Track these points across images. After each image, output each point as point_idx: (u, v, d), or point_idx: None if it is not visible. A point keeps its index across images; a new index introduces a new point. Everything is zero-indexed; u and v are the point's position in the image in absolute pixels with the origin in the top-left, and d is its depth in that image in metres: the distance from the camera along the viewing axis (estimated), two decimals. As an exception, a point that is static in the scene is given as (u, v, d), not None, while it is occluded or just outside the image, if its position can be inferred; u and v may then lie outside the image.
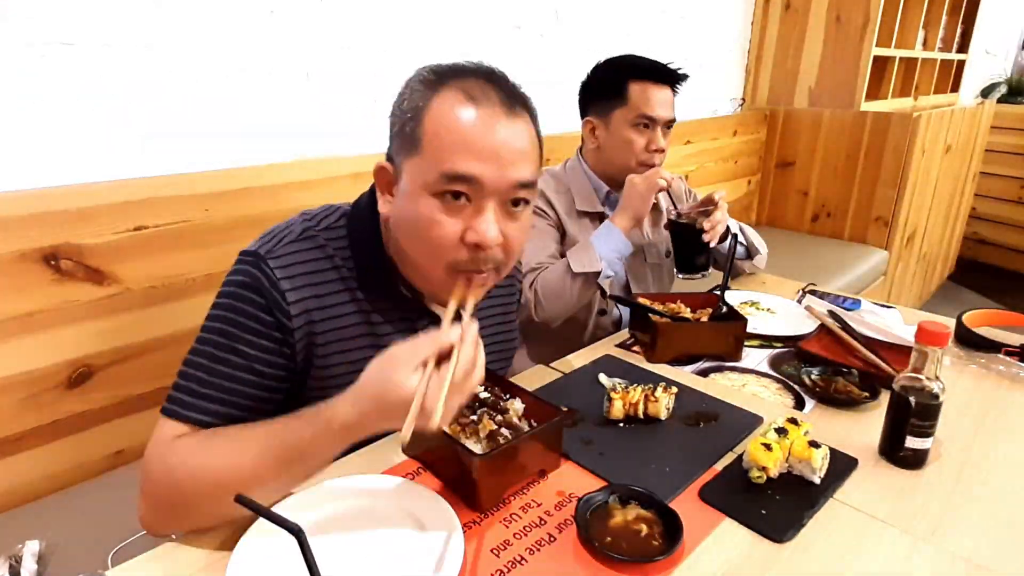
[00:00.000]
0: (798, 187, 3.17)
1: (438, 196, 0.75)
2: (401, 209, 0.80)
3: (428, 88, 0.77)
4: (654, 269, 1.60)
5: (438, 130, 0.75)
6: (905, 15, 3.02)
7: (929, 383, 0.87)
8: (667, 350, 1.21)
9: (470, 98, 0.76)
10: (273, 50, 1.46)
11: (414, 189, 0.77)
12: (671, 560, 0.72)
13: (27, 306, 1.16)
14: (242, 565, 0.69)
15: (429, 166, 0.75)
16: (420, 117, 0.76)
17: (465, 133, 0.74)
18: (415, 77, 0.81)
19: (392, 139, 0.81)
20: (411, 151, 0.77)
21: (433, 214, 0.76)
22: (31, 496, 1.23)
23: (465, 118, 0.75)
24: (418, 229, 0.77)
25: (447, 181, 0.74)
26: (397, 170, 0.80)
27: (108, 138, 1.27)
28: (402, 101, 0.80)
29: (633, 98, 1.42)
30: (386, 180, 0.82)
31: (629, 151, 1.45)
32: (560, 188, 1.52)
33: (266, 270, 0.80)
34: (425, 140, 0.75)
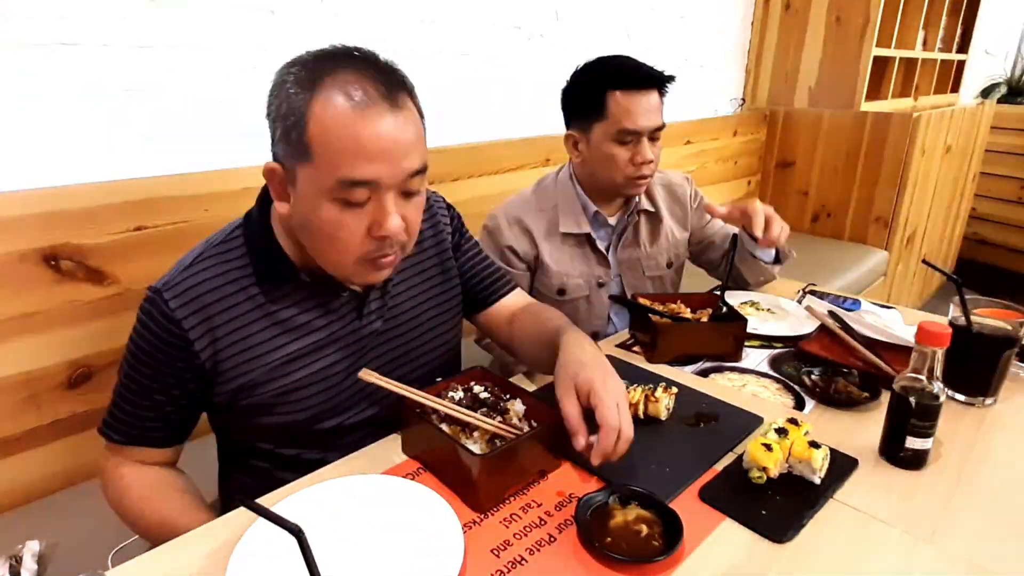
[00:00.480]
0: (798, 187, 3.17)
1: (337, 200, 0.77)
2: (302, 214, 0.81)
3: (304, 89, 0.76)
4: (655, 282, 1.53)
5: (326, 138, 0.75)
6: (905, 15, 3.02)
7: (929, 383, 0.86)
8: (667, 350, 1.21)
9: (350, 99, 0.75)
10: (273, 50, 1.46)
11: (312, 195, 0.78)
12: (671, 560, 0.72)
13: (27, 306, 1.16)
14: (242, 565, 0.69)
15: (324, 174, 0.76)
16: (303, 123, 0.75)
17: (354, 139, 0.74)
18: (285, 77, 0.79)
19: (277, 142, 0.80)
20: (301, 158, 0.77)
21: (336, 217, 0.78)
22: (31, 496, 1.23)
23: (351, 123, 0.74)
24: (323, 232, 0.80)
25: (345, 188, 0.76)
26: (289, 174, 0.80)
27: (108, 138, 1.27)
28: (279, 104, 0.78)
29: (612, 111, 1.31)
30: (278, 181, 0.82)
31: (614, 167, 1.35)
32: (544, 206, 1.43)
33: (158, 303, 0.85)
34: (314, 148, 0.75)
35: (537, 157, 2.08)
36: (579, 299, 1.46)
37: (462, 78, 1.89)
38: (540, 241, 1.41)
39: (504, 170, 1.99)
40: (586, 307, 1.47)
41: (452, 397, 0.93)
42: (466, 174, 1.89)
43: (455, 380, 0.98)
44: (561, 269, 1.43)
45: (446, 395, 0.94)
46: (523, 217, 1.42)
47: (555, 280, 1.43)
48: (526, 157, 2.05)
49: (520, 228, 1.42)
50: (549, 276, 1.43)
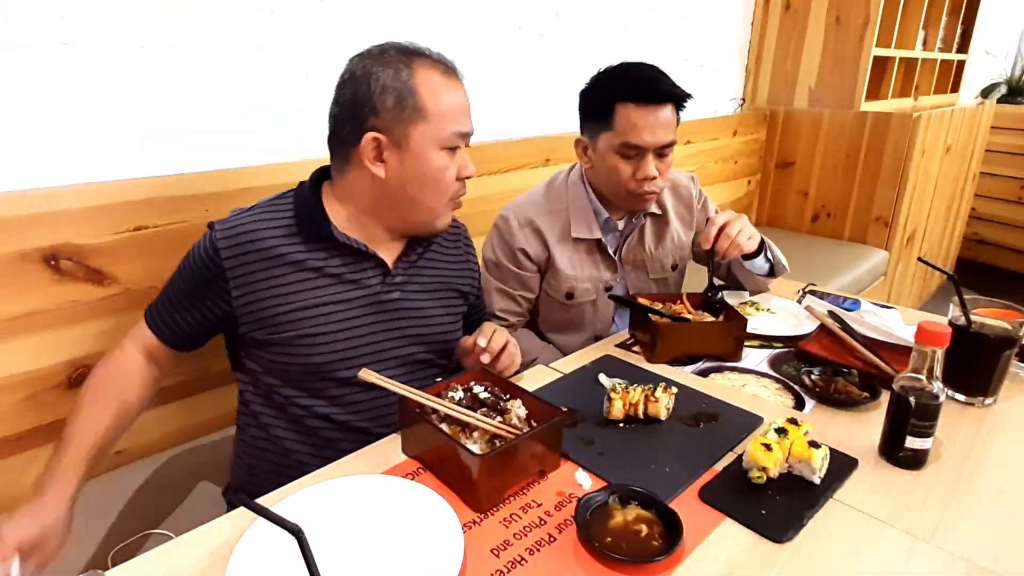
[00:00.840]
0: (798, 187, 3.17)
1: (447, 150, 1.00)
2: (411, 167, 0.99)
3: (406, 67, 0.96)
4: (659, 284, 1.51)
5: (439, 100, 0.97)
6: (905, 15, 3.02)
7: (929, 383, 0.87)
8: (667, 350, 1.21)
9: (445, 73, 1.00)
10: (273, 50, 1.46)
11: (426, 148, 0.98)
12: (671, 560, 0.72)
13: (27, 306, 1.16)
14: (242, 565, 0.69)
15: (440, 128, 0.98)
16: (415, 92, 0.96)
17: (457, 100, 1.01)
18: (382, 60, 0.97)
19: (381, 114, 0.96)
20: (417, 119, 0.97)
21: (445, 163, 1.00)
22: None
23: (453, 89, 1.00)
24: (433, 176, 1.00)
25: (459, 138, 1.00)
26: (397, 138, 0.97)
27: (108, 138, 1.27)
28: (382, 81, 0.96)
29: (619, 123, 1.27)
30: (375, 147, 0.98)
31: (616, 179, 1.32)
32: (555, 208, 1.41)
33: (209, 235, 1.01)
34: (429, 110, 0.97)
35: (537, 157, 2.08)
36: (586, 303, 1.45)
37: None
38: (552, 245, 1.40)
39: (504, 170, 1.99)
40: (592, 311, 1.46)
41: (452, 397, 0.94)
42: (468, 174, 1.89)
43: (455, 380, 0.98)
44: (572, 273, 1.41)
45: (446, 395, 0.94)
46: (535, 219, 1.40)
47: (564, 284, 1.42)
48: (526, 157, 2.05)
49: (532, 230, 1.40)
50: (559, 280, 1.42)
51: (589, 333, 1.47)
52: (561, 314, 1.46)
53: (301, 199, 1.04)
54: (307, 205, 1.03)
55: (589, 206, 1.42)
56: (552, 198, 1.44)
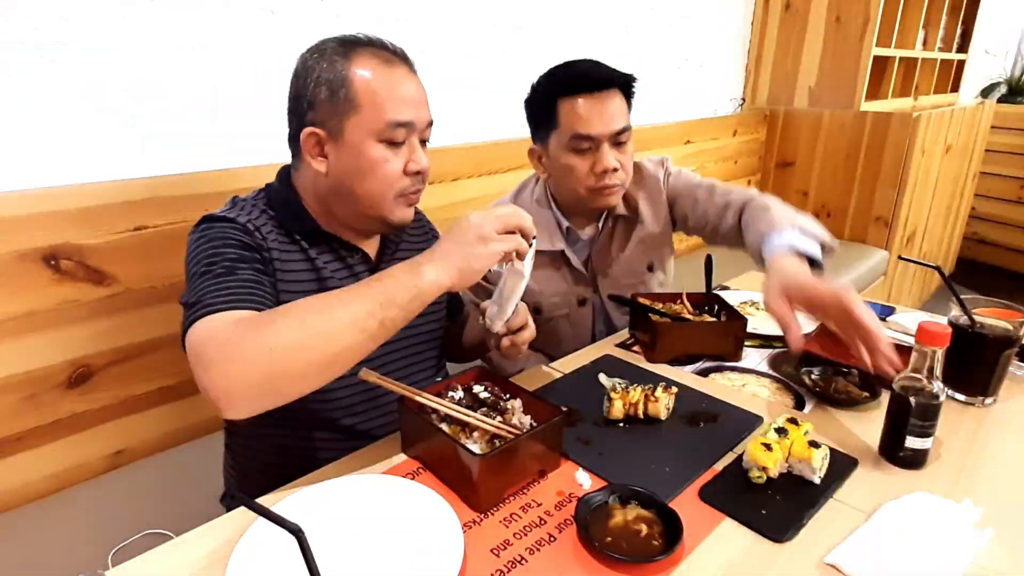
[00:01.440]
0: (798, 187, 3.17)
1: (384, 142, 0.93)
2: (347, 160, 0.94)
3: (342, 58, 0.93)
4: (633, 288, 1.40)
5: (371, 90, 0.92)
6: (905, 15, 3.02)
7: (929, 383, 0.86)
8: (667, 350, 1.21)
9: (385, 61, 0.94)
10: (273, 50, 1.46)
11: (361, 140, 0.93)
12: (671, 560, 0.72)
13: (27, 306, 1.16)
14: (242, 565, 0.69)
15: (373, 119, 0.92)
16: (348, 83, 0.92)
17: (395, 89, 0.93)
18: (320, 53, 0.94)
19: (315, 107, 0.93)
20: (349, 111, 0.92)
21: (383, 155, 0.94)
22: (31, 496, 1.23)
23: (388, 77, 0.93)
24: (370, 169, 0.94)
25: (392, 128, 0.93)
26: (332, 131, 0.94)
27: (108, 138, 1.27)
28: (317, 74, 0.93)
29: (564, 118, 1.23)
30: (315, 143, 0.95)
31: (574, 178, 1.26)
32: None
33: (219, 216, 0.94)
34: (362, 99, 0.92)
35: (537, 157, 2.08)
36: (558, 318, 1.40)
37: (462, 78, 1.89)
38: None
39: (503, 170, 1.99)
40: (567, 326, 1.41)
41: (452, 397, 0.94)
42: (465, 174, 1.89)
43: (455, 380, 0.98)
44: (536, 288, 1.35)
45: (446, 395, 0.94)
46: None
47: (530, 299, 1.32)
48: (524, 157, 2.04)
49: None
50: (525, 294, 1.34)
51: (569, 349, 1.30)
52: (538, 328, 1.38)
53: (277, 197, 1.01)
54: (286, 201, 1.00)
55: (552, 218, 1.37)
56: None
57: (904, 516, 0.78)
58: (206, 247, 0.89)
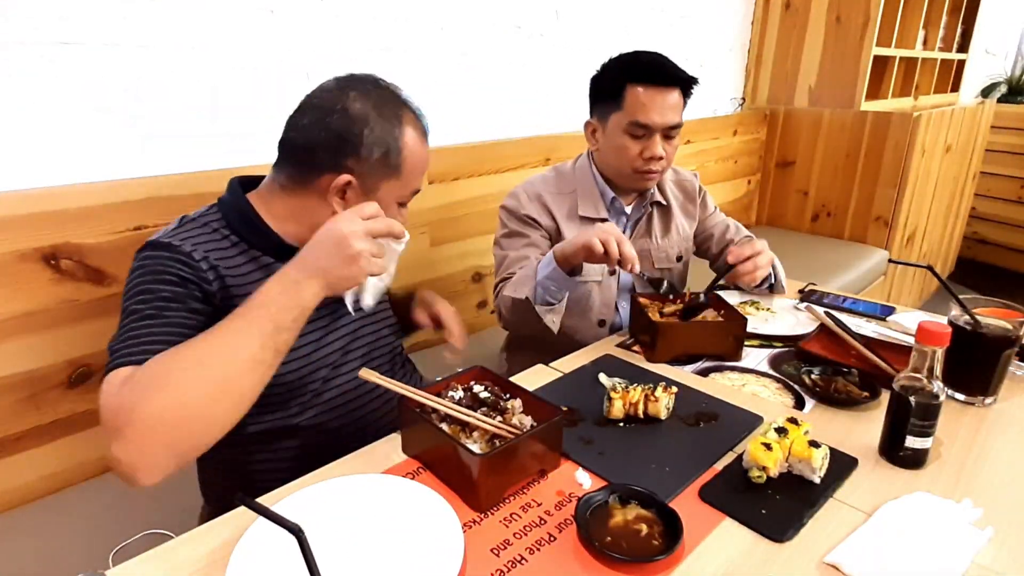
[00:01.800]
0: (798, 187, 3.17)
1: (400, 205, 1.02)
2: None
3: (397, 123, 0.97)
4: (664, 274, 1.53)
5: (413, 161, 0.99)
6: (905, 15, 3.02)
7: (929, 383, 0.87)
8: (667, 350, 1.21)
9: (423, 134, 1.01)
10: (273, 50, 1.46)
11: (388, 202, 0.98)
12: (671, 560, 0.72)
13: (27, 306, 1.16)
14: (242, 565, 0.69)
15: (404, 186, 1.00)
16: (399, 150, 0.97)
17: (424, 160, 1.02)
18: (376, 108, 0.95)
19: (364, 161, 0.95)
20: (391, 175, 0.98)
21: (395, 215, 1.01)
22: (31, 496, 1.23)
23: (423, 150, 1.01)
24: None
25: (412, 195, 1.03)
26: (368, 185, 0.96)
27: (108, 138, 1.27)
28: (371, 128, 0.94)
29: (628, 102, 1.34)
30: (342, 187, 0.96)
31: (624, 158, 1.38)
32: (564, 189, 1.47)
33: (161, 245, 0.90)
34: (404, 169, 0.98)
35: (537, 157, 2.08)
36: (591, 283, 1.46)
37: (462, 78, 1.89)
38: (561, 221, 1.44)
39: (504, 169, 1.99)
40: (597, 291, 1.47)
41: (452, 397, 0.94)
42: (466, 173, 1.89)
43: (455, 379, 0.98)
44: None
45: (446, 395, 0.94)
46: (544, 196, 1.45)
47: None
48: (526, 157, 2.05)
49: (540, 204, 1.44)
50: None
51: (594, 318, 1.48)
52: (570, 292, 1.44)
53: (233, 214, 0.98)
54: (245, 219, 0.97)
55: (596, 187, 1.46)
56: (560, 181, 1.49)
57: (904, 516, 0.78)
58: (140, 281, 0.87)
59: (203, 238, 0.93)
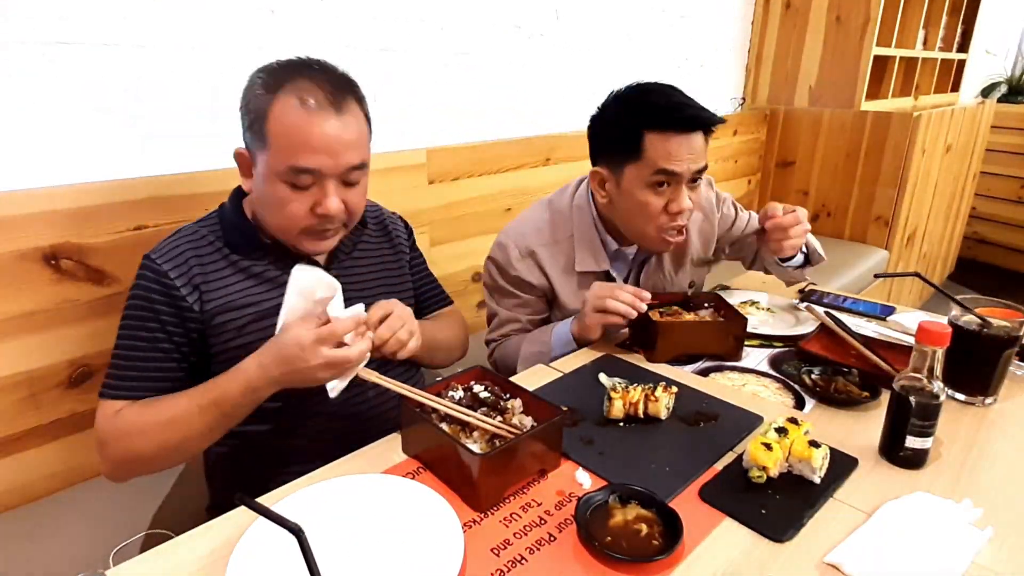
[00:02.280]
0: (798, 187, 3.17)
1: (286, 182, 0.93)
2: (259, 190, 0.98)
3: (267, 91, 0.92)
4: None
5: (280, 130, 0.91)
6: (905, 15, 3.02)
7: (929, 383, 0.86)
8: (667, 350, 1.21)
9: (302, 101, 0.91)
10: (273, 50, 1.46)
11: (267, 175, 0.94)
12: (671, 560, 0.72)
13: (27, 306, 1.16)
14: (242, 565, 0.69)
15: (277, 160, 0.92)
16: (264, 118, 0.92)
17: (302, 133, 0.91)
18: (255, 80, 0.95)
19: (245, 131, 0.97)
20: (261, 146, 0.94)
21: (285, 195, 0.94)
22: (31, 496, 1.23)
23: (301, 122, 0.91)
24: (274, 206, 0.96)
25: (293, 173, 0.93)
26: (252, 157, 0.97)
27: (108, 138, 1.27)
28: (247, 102, 0.95)
29: (649, 152, 1.16)
30: (244, 163, 0.99)
31: (644, 215, 1.21)
32: (560, 235, 1.32)
33: (150, 264, 0.98)
34: (271, 138, 0.92)
35: (537, 157, 2.08)
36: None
37: (462, 78, 1.89)
38: (555, 278, 1.32)
39: (504, 170, 1.99)
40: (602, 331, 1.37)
41: (452, 396, 0.94)
42: (466, 174, 1.89)
43: (455, 379, 0.98)
44: (577, 307, 1.28)
45: (446, 394, 0.94)
46: (537, 250, 1.31)
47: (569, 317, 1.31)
48: (526, 157, 2.05)
49: (533, 262, 1.31)
50: (564, 312, 1.34)
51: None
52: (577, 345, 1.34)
53: (224, 215, 1.05)
54: (234, 225, 1.03)
55: (596, 235, 1.32)
56: (555, 226, 1.34)
57: (904, 516, 0.78)
58: (131, 305, 0.98)
59: (189, 252, 0.99)
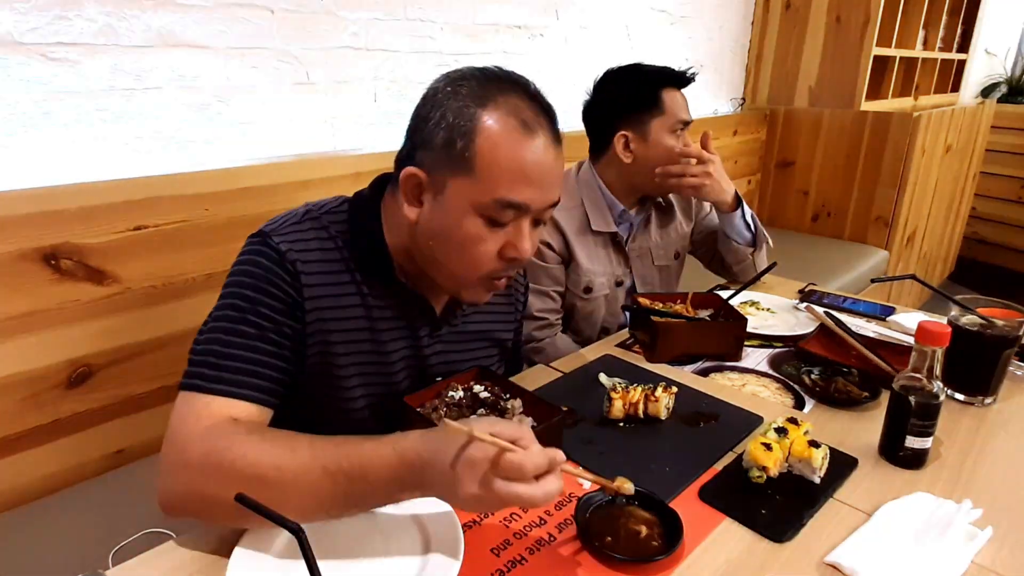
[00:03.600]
0: (798, 187, 3.17)
1: (485, 217, 0.79)
2: (440, 221, 0.81)
3: (476, 104, 0.78)
4: (662, 271, 1.57)
5: (495, 156, 0.77)
6: (905, 15, 3.02)
7: (929, 383, 0.86)
8: (667, 350, 1.21)
9: (526, 127, 0.77)
10: (273, 50, 1.46)
11: (460, 206, 0.79)
12: (671, 560, 0.72)
13: (27, 306, 1.16)
14: (242, 565, 0.69)
15: (482, 190, 0.77)
16: (472, 137, 0.77)
17: (523, 164, 0.77)
18: (457, 88, 0.80)
19: (429, 148, 0.80)
20: (461, 170, 0.78)
21: (480, 232, 0.79)
22: (31, 496, 1.23)
23: (523, 149, 0.77)
24: (461, 244, 0.80)
25: (499, 207, 0.78)
26: (437, 182, 0.80)
27: (108, 138, 1.27)
28: (444, 111, 0.79)
29: (668, 106, 1.41)
30: (415, 185, 0.82)
31: (671, 158, 1.42)
32: (571, 203, 1.45)
33: (273, 245, 0.81)
34: (479, 163, 0.77)
35: (537, 157, 2.08)
36: (600, 297, 1.48)
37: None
38: (572, 238, 1.43)
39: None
40: (605, 305, 1.50)
41: (452, 397, 0.94)
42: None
43: (455, 379, 0.98)
44: (590, 267, 1.45)
45: (446, 395, 0.94)
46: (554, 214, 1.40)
47: (583, 278, 1.45)
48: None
49: (552, 225, 1.43)
50: (579, 274, 1.44)
51: (601, 327, 1.51)
52: (580, 306, 1.48)
53: (357, 220, 0.88)
54: (365, 231, 0.87)
55: (603, 200, 1.46)
56: (566, 194, 1.40)
57: (904, 516, 0.78)
58: (244, 282, 0.81)
59: (314, 243, 0.84)
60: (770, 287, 1.59)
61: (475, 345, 1.03)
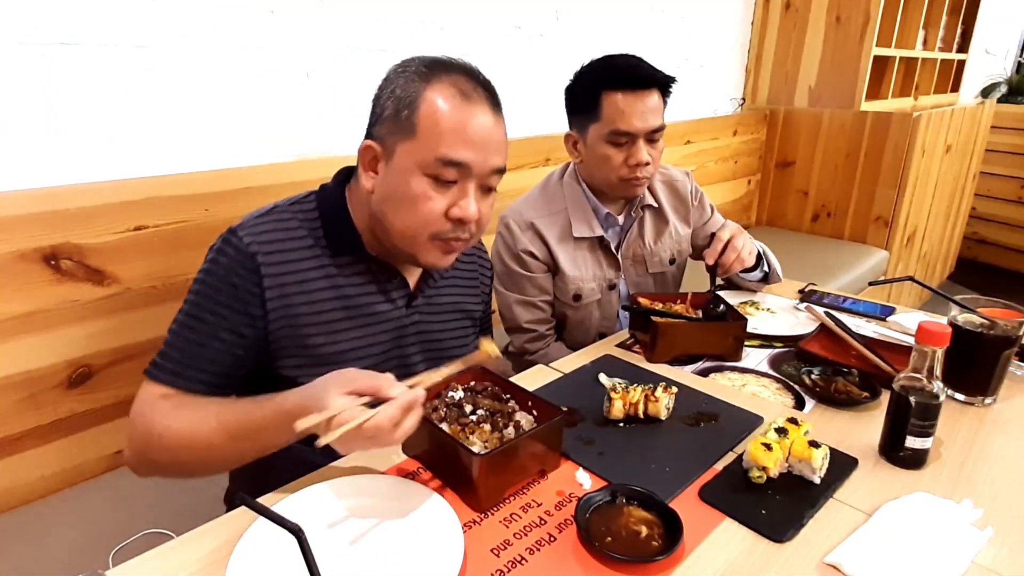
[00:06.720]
0: (798, 187, 3.17)
1: (430, 176, 0.86)
2: (391, 185, 0.89)
3: (421, 79, 0.87)
4: (657, 279, 1.51)
5: (434, 119, 0.85)
6: (905, 15, 3.02)
7: (929, 383, 0.86)
8: (667, 350, 1.21)
9: (464, 95, 0.87)
10: (273, 50, 1.46)
11: (407, 167, 0.87)
12: (671, 560, 0.72)
13: (27, 306, 1.16)
14: (242, 565, 0.69)
15: (424, 149, 0.86)
16: (415, 105, 0.86)
17: (459, 124, 0.86)
18: (405, 68, 0.90)
19: (381, 121, 0.89)
20: (405, 135, 0.86)
21: (425, 191, 0.87)
22: (31, 496, 1.23)
23: (460, 113, 0.86)
24: (409, 202, 0.88)
25: (441, 165, 0.86)
26: (387, 150, 0.89)
27: (108, 138, 1.27)
28: (393, 88, 0.88)
29: (606, 112, 1.28)
30: (371, 157, 0.90)
31: (608, 168, 1.33)
32: (553, 209, 1.41)
33: (234, 241, 0.89)
34: (420, 127, 0.86)
35: (537, 157, 2.08)
36: (592, 303, 1.45)
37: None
38: (554, 246, 1.39)
39: (504, 170, 1.99)
40: (597, 310, 1.46)
41: (452, 397, 0.94)
42: (466, 174, 1.89)
43: (455, 379, 0.98)
44: (576, 274, 1.41)
45: (446, 395, 0.94)
46: (535, 221, 1.39)
47: (571, 286, 1.41)
48: (526, 157, 2.05)
49: (533, 233, 1.39)
50: (566, 282, 1.41)
51: (595, 332, 1.47)
52: (571, 315, 1.46)
53: (325, 204, 0.96)
54: (333, 212, 0.95)
55: (587, 203, 1.42)
56: (549, 199, 1.43)
57: (904, 516, 0.78)
58: (199, 279, 0.90)
59: (278, 232, 0.91)
60: (770, 287, 1.59)
61: (448, 317, 1.08)
